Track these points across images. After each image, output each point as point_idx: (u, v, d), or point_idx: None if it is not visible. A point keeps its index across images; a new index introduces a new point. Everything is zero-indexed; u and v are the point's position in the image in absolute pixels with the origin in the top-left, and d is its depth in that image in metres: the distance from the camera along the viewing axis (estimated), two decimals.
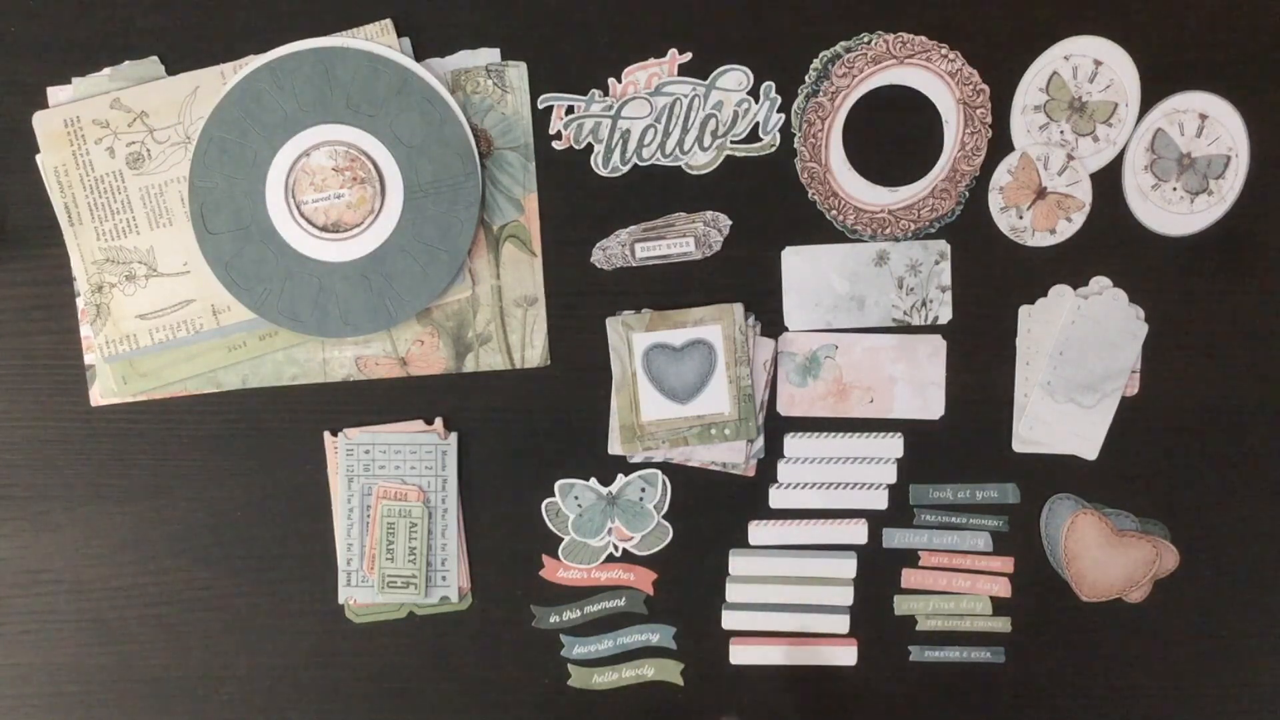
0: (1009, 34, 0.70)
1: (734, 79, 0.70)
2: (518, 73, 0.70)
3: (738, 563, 0.74)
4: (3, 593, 0.73)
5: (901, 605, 0.74)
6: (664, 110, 0.70)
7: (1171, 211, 0.71)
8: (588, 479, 0.73)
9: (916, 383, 0.72)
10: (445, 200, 0.69)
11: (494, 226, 0.71)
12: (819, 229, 0.71)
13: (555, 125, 0.70)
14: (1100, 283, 0.72)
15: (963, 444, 0.73)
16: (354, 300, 0.70)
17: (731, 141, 0.71)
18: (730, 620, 0.74)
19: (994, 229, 0.72)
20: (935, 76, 0.70)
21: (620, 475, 0.73)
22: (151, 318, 0.70)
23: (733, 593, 0.74)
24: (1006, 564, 0.74)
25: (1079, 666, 0.75)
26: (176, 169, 0.69)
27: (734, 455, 0.72)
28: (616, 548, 0.74)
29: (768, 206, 0.71)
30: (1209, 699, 0.75)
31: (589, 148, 0.70)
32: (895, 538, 0.74)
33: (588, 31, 0.70)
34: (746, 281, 0.72)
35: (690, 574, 0.74)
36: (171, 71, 0.69)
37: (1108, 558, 0.71)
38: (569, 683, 0.75)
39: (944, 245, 0.72)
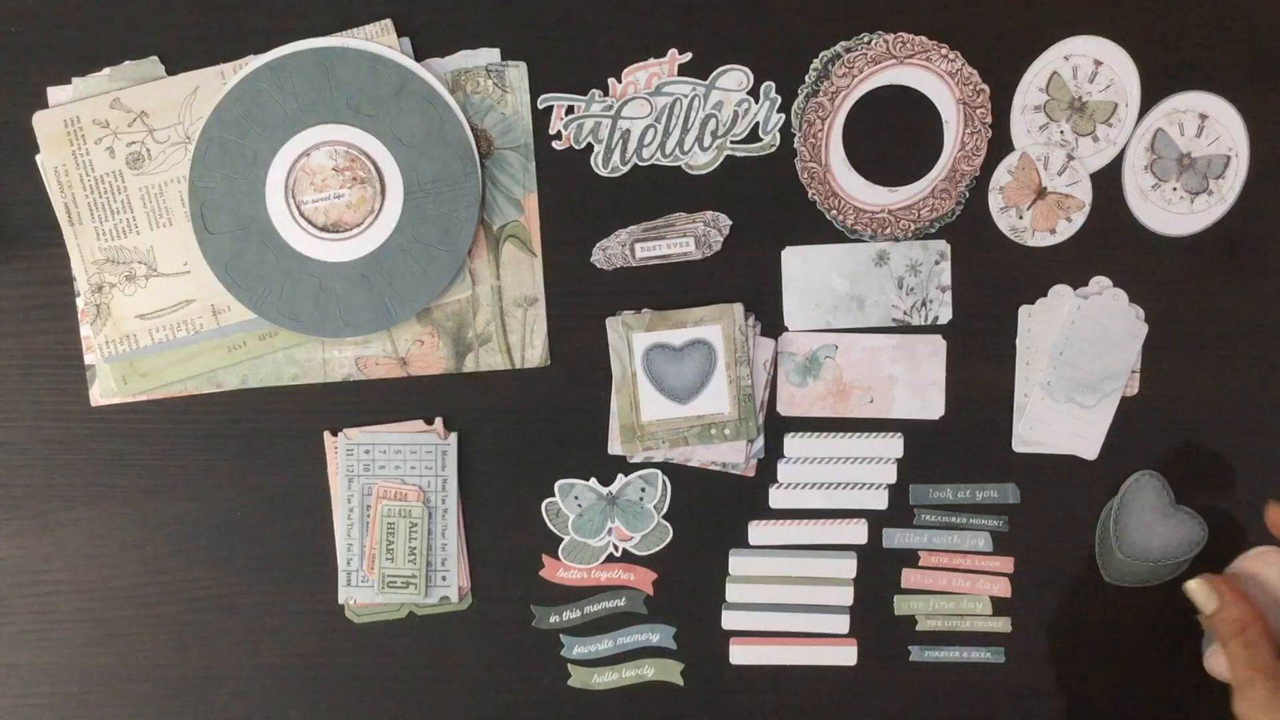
0: (1009, 34, 0.70)
1: (734, 79, 0.70)
2: (518, 73, 0.70)
3: (738, 563, 0.74)
4: (3, 593, 0.73)
5: (901, 605, 0.74)
6: (664, 110, 0.70)
7: (1171, 211, 0.71)
8: (588, 479, 0.73)
9: (916, 383, 0.72)
10: (445, 200, 0.69)
11: (494, 226, 0.71)
12: (819, 229, 0.71)
13: (555, 125, 0.70)
14: (1100, 283, 0.72)
15: (963, 444, 0.73)
16: (354, 300, 0.70)
17: (731, 141, 0.71)
18: (730, 620, 0.74)
19: (994, 229, 0.72)
20: (935, 76, 0.70)
21: (620, 475, 0.73)
22: (151, 318, 0.70)
23: (733, 593, 0.74)
24: (1006, 564, 0.74)
25: (1079, 666, 0.75)
26: (176, 169, 0.69)
27: (734, 455, 0.72)
28: (616, 548, 0.74)
29: (768, 206, 0.71)
30: (1209, 698, 0.75)
31: (589, 148, 0.71)
32: (895, 538, 0.74)
33: (588, 31, 0.70)
34: (746, 281, 0.72)
35: (690, 574, 0.74)
36: (171, 71, 0.69)
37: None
38: (569, 683, 0.75)
39: (944, 245, 0.72)
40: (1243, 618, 0.63)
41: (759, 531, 0.74)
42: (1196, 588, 0.65)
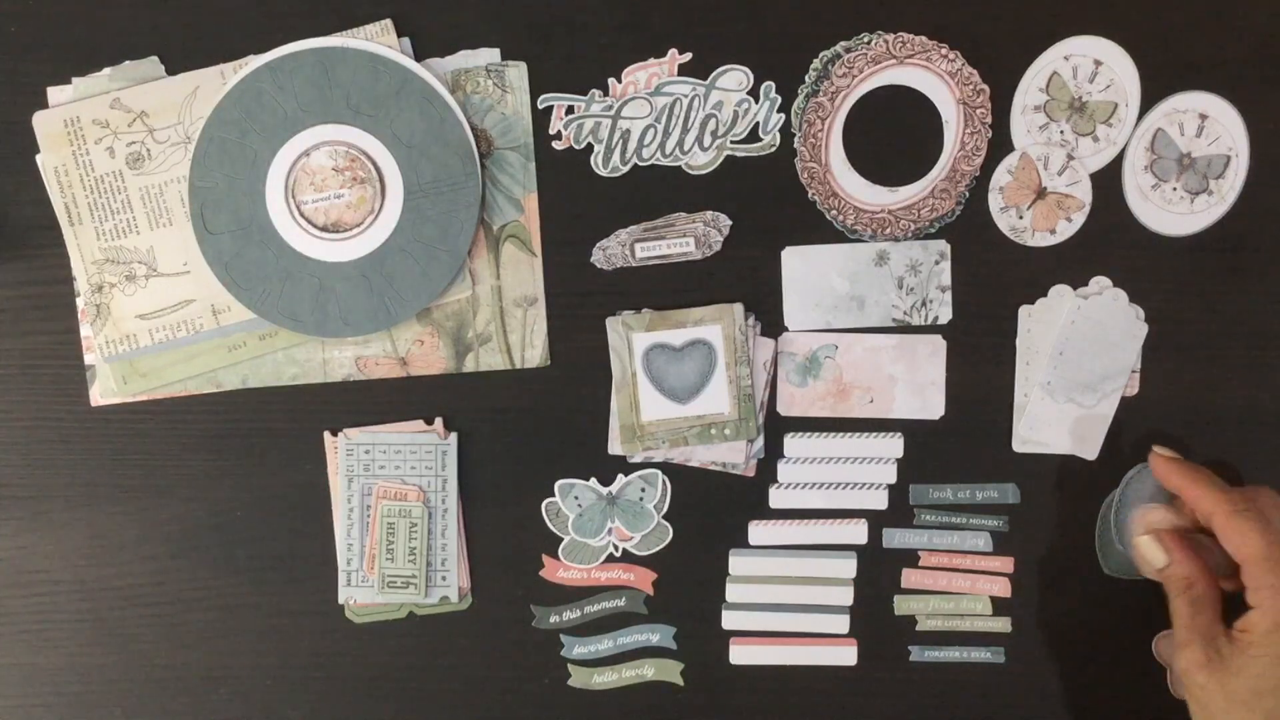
0: (1009, 34, 0.70)
1: (734, 79, 0.70)
2: (518, 73, 0.70)
3: (738, 563, 0.74)
4: (3, 593, 0.73)
5: (901, 605, 0.74)
6: (664, 110, 0.70)
7: (1171, 211, 0.71)
8: (588, 479, 0.73)
9: (916, 383, 0.72)
10: (445, 200, 0.69)
11: (494, 226, 0.71)
12: (819, 229, 0.71)
13: (555, 125, 0.70)
14: (1100, 283, 0.72)
15: (963, 444, 0.73)
16: (354, 300, 0.70)
17: (731, 141, 0.71)
18: (730, 620, 0.74)
19: (994, 229, 0.72)
20: (935, 76, 0.70)
21: (620, 475, 0.73)
22: (151, 318, 0.70)
23: (733, 593, 0.74)
24: (1006, 564, 0.74)
25: (1079, 666, 0.75)
26: (176, 169, 0.69)
27: (734, 455, 0.72)
28: (616, 548, 0.74)
29: (768, 206, 0.71)
30: None
31: (589, 148, 0.71)
32: (895, 538, 0.74)
33: (588, 31, 0.70)
34: (746, 281, 0.72)
35: (690, 574, 0.74)
36: (171, 71, 0.69)
37: None
38: (569, 683, 0.75)
39: (944, 245, 0.72)
40: (1189, 575, 0.63)
41: (759, 531, 0.74)
42: (1147, 543, 0.65)
